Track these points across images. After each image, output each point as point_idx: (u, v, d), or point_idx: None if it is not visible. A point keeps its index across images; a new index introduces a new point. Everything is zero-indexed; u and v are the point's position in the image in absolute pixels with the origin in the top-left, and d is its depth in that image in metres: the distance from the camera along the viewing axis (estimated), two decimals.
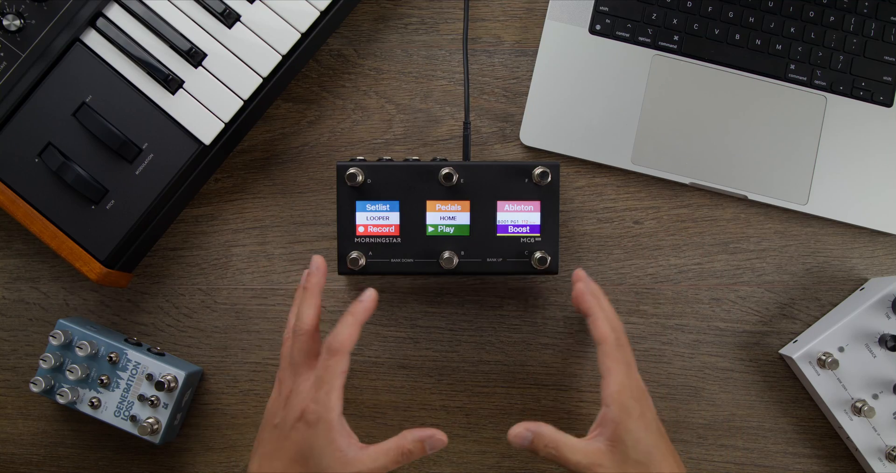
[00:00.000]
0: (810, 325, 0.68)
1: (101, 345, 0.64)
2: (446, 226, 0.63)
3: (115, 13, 0.64)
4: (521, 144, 0.69)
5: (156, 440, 0.63)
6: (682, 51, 0.69)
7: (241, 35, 0.65)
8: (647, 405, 0.57)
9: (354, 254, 0.62)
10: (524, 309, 0.68)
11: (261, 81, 0.65)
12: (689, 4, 0.69)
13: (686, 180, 0.68)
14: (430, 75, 0.70)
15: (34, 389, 0.63)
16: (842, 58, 0.69)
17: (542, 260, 0.62)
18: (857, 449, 0.65)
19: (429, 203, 0.63)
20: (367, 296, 0.57)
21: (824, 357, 0.63)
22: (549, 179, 0.62)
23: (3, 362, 0.68)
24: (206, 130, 0.64)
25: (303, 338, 0.56)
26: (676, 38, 0.69)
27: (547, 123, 0.68)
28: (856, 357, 0.64)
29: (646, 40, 0.69)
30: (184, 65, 0.64)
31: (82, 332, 0.64)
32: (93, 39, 0.64)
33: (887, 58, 0.69)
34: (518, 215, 0.63)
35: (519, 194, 0.63)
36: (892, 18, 0.69)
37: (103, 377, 0.63)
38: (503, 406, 0.68)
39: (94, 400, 0.63)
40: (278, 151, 0.70)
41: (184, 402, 0.66)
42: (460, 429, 0.68)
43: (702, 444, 0.68)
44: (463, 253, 0.63)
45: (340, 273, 0.63)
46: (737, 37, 0.69)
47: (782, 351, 0.67)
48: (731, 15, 0.69)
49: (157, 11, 0.64)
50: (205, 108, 0.64)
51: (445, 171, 0.62)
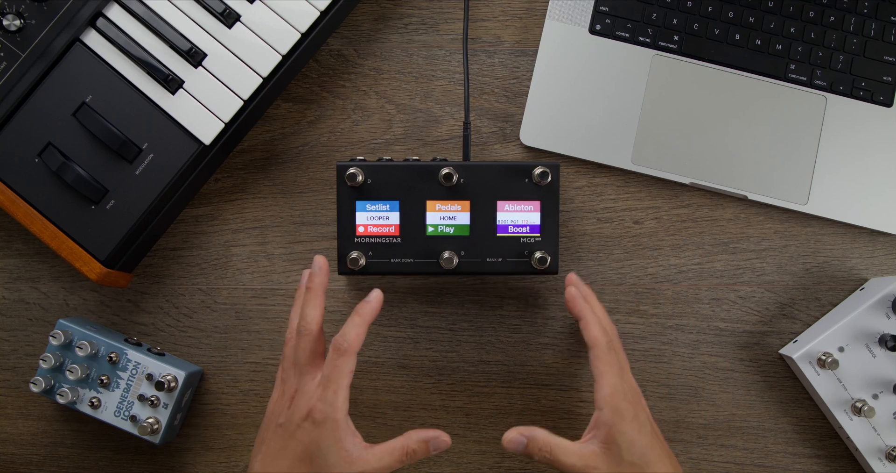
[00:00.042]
0: (810, 325, 0.68)
1: (101, 345, 0.64)
2: (446, 226, 0.63)
3: (115, 13, 0.64)
4: (521, 144, 0.69)
5: (156, 440, 0.63)
6: (682, 51, 0.69)
7: (241, 35, 0.65)
8: (640, 407, 0.57)
9: (354, 254, 0.62)
10: (524, 309, 0.68)
11: (261, 81, 0.65)
12: (689, 4, 0.69)
13: (686, 180, 0.68)
14: (430, 75, 0.70)
15: (34, 389, 0.63)
16: (842, 58, 0.69)
17: (542, 260, 0.62)
18: (857, 449, 0.65)
19: (429, 203, 0.63)
20: (373, 296, 0.57)
21: (824, 357, 0.63)
22: (549, 179, 0.62)
23: (3, 362, 0.68)
24: (206, 130, 0.64)
25: (307, 338, 0.56)
26: (676, 38, 0.69)
27: (547, 123, 0.68)
28: (856, 357, 0.64)
29: (646, 40, 0.69)
30: (184, 65, 0.64)
31: (82, 332, 0.64)
32: (93, 39, 0.64)
33: (887, 58, 0.69)
34: (518, 215, 0.63)
35: (519, 194, 0.63)
36: (892, 18, 0.69)
37: (103, 377, 0.63)
38: (503, 406, 0.68)
39: (94, 400, 0.63)
40: (278, 151, 0.70)
41: (184, 402, 0.66)
42: (460, 429, 0.68)
43: (702, 444, 0.68)
44: (463, 253, 0.63)
45: (340, 273, 0.63)
46: (737, 37, 0.69)
47: (782, 351, 0.67)
48: (731, 15, 0.69)
49: (157, 11, 0.64)
50: (205, 108, 0.64)
51: (445, 171, 0.62)
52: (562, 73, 0.69)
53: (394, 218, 0.63)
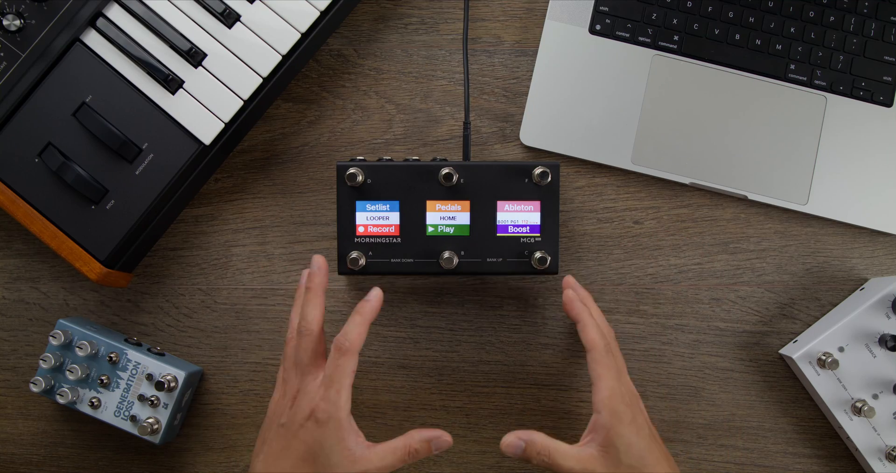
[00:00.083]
0: (810, 325, 0.68)
1: (101, 345, 0.64)
2: (446, 226, 0.63)
3: (115, 13, 0.64)
4: (521, 144, 0.69)
5: (156, 440, 0.63)
6: (682, 51, 0.69)
7: (241, 35, 0.65)
8: (638, 410, 0.57)
9: (354, 254, 0.62)
10: (524, 309, 0.68)
11: (261, 81, 0.65)
12: (689, 4, 0.69)
13: (686, 180, 0.68)
14: (430, 75, 0.70)
15: (34, 389, 0.63)
16: (842, 58, 0.69)
17: (542, 260, 0.62)
18: (857, 449, 0.65)
19: (429, 203, 0.63)
20: (373, 295, 0.57)
21: (824, 357, 0.63)
22: (549, 179, 0.62)
23: (3, 362, 0.68)
24: (206, 130, 0.64)
25: (308, 338, 0.56)
26: (676, 38, 0.69)
27: (547, 123, 0.68)
28: (856, 357, 0.64)
29: (646, 40, 0.69)
30: (184, 65, 0.64)
31: (82, 332, 0.64)
32: (93, 39, 0.64)
33: (887, 58, 0.69)
34: (518, 215, 0.63)
35: (519, 194, 0.63)
36: (892, 18, 0.69)
37: (103, 377, 0.63)
38: (503, 406, 0.68)
39: (94, 400, 0.63)
40: (278, 151, 0.70)
41: (184, 402, 0.66)
42: (460, 429, 0.68)
43: (702, 444, 0.68)
44: (463, 253, 0.63)
45: (340, 273, 0.63)
46: (737, 37, 0.69)
47: (782, 351, 0.67)
48: (731, 15, 0.69)
49: (157, 11, 0.64)
50: (205, 108, 0.64)
51: (445, 171, 0.62)
52: (562, 73, 0.69)
53: (394, 218, 0.63)
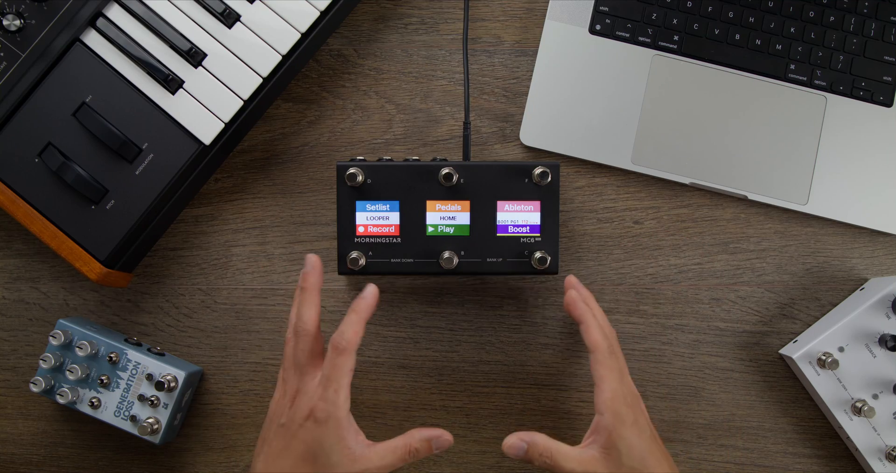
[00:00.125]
0: (810, 325, 0.68)
1: (101, 345, 0.64)
2: (446, 226, 0.63)
3: (115, 13, 0.64)
4: (521, 144, 0.69)
5: (156, 440, 0.63)
6: (682, 51, 0.69)
7: (241, 35, 0.65)
8: (639, 412, 0.57)
9: (354, 254, 0.62)
10: (524, 309, 0.68)
11: (261, 81, 0.65)
12: (689, 4, 0.69)
13: (686, 180, 0.68)
14: (430, 75, 0.70)
15: (34, 389, 0.63)
16: (842, 58, 0.69)
17: (542, 260, 0.62)
18: (857, 449, 0.65)
19: (429, 203, 0.63)
20: (368, 292, 0.57)
21: (824, 357, 0.63)
22: (549, 179, 0.62)
23: (3, 362, 0.68)
24: (206, 130, 0.64)
25: (305, 338, 0.56)
26: (676, 38, 0.69)
27: (547, 123, 0.68)
28: (856, 357, 0.64)
29: (646, 40, 0.69)
30: (184, 65, 0.64)
31: (82, 332, 0.64)
32: (93, 39, 0.64)
33: (887, 58, 0.69)
34: (518, 215, 0.63)
35: (519, 194, 0.63)
36: (892, 18, 0.69)
37: (103, 377, 0.63)
38: (503, 406, 0.68)
39: (94, 400, 0.63)
40: (278, 151, 0.70)
41: (184, 402, 0.66)
42: (460, 429, 0.68)
43: (702, 444, 0.68)
44: (463, 253, 0.63)
45: (340, 273, 0.63)
46: (737, 37, 0.69)
47: (782, 351, 0.67)
48: (731, 15, 0.69)
49: (157, 11, 0.64)
50: (205, 108, 0.64)
51: (445, 171, 0.62)
52: (562, 73, 0.69)
53: (394, 218, 0.63)
